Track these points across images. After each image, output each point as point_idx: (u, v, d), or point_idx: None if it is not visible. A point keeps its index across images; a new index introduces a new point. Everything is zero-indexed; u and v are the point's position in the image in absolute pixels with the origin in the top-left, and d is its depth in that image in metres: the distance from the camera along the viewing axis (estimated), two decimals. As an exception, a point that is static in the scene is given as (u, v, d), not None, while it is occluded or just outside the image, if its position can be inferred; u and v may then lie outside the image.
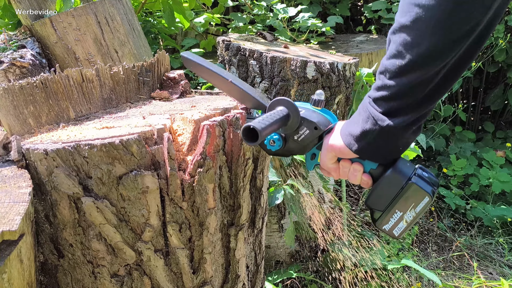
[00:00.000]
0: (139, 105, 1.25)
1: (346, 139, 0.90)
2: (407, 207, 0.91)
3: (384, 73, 0.80)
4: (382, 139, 0.85)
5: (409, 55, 0.75)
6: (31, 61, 1.57)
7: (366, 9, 3.18)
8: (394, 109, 0.81)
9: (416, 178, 0.89)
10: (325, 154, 0.97)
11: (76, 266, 1.00)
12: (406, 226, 0.93)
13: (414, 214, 0.91)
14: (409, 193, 0.89)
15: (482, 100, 3.56)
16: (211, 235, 1.05)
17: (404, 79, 0.77)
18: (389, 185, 0.92)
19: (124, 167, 0.89)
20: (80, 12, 1.65)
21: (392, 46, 0.78)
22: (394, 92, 0.79)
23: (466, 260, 2.53)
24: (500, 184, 2.85)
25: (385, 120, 0.81)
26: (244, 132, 0.85)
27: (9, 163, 0.94)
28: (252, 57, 1.94)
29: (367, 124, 0.84)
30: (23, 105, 1.06)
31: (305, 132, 0.98)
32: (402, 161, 0.92)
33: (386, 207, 0.93)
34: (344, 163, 0.95)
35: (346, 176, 0.96)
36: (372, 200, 0.95)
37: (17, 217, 0.78)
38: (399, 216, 0.92)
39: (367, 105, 0.85)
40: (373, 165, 0.94)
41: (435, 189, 0.90)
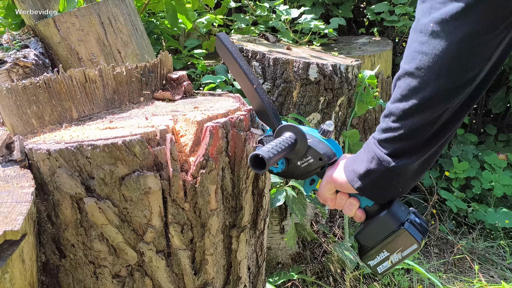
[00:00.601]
0: (142, 106, 1.26)
1: (349, 176, 0.93)
2: (395, 249, 0.93)
3: (388, 116, 0.84)
4: (385, 180, 0.88)
5: (413, 99, 0.78)
6: (34, 61, 1.57)
7: (369, 11, 3.18)
8: (399, 151, 0.84)
9: (408, 224, 0.92)
10: (325, 185, 1.00)
11: (77, 266, 1.00)
12: (390, 266, 0.95)
13: (400, 257, 0.94)
14: (399, 237, 0.92)
15: (484, 102, 3.55)
16: (213, 237, 1.05)
17: (408, 122, 0.81)
18: (381, 226, 0.94)
19: (126, 168, 0.90)
20: (83, 12, 1.65)
21: (397, 90, 0.81)
22: (398, 134, 0.83)
23: (468, 263, 2.52)
24: (502, 188, 2.84)
25: (390, 162, 0.85)
26: (252, 160, 0.87)
27: (12, 163, 0.94)
28: (255, 59, 1.94)
29: (372, 164, 0.87)
30: (26, 105, 1.06)
31: (309, 160, 0.99)
32: (398, 203, 0.95)
33: (374, 245, 0.96)
34: (342, 196, 0.99)
35: (341, 207, 1.00)
36: (362, 236, 0.98)
37: (20, 217, 0.78)
38: (386, 256, 0.95)
39: (372, 146, 0.88)
40: (369, 203, 0.96)
41: (425, 237, 0.93)
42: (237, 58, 1.06)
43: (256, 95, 1.05)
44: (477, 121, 3.58)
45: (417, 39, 0.76)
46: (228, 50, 1.07)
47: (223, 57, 1.10)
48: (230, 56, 1.06)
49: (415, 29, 0.78)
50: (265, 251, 1.38)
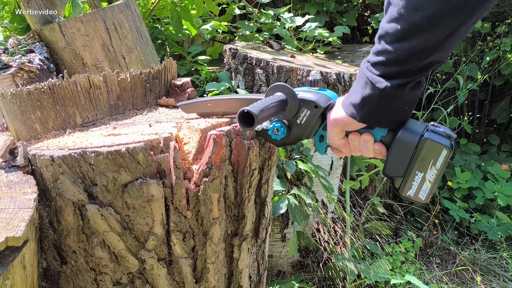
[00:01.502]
0: (146, 112, 1.26)
1: (349, 110, 0.87)
2: (427, 166, 0.86)
3: (383, 37, 0.77)
4: (383, 102, 0.81)
5: (412, 18, 0.71)
6: (39, 66, 1.57)
7: (373, 20, 3.19)
8: (394, 73, 0.78)
9: (429, 133, 0.85)
10: (331, 131, 0.93)
11: (78, 273, 1.00)
12: (431, 186, 0.88)
13: (435, 172, 0.86)
14: (425, 150, 0.85)
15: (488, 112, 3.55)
16: (215, 245, 1.04)
17: (406, 44, 0.74)
18: (402, 147, 0.87)
19: (129, 175, 0.89)
20: (89, 18, 1.66)
21: (393, 8, 0.74)
22: (394, 58, 0.76)
23: (470, 274, 2.50)
24: (505, 198, 2.82)
25: (383, 82, 0.78)
26: (240, 118, 0.84)
27: (15, 168, 0.94)
28: (259, 66, 1.94)
29: (366, 90, 0.81)
30: (30, 110, 1.06)
31: (306, 113, 0.95)
32: (412, 121, 0.88)
33: (405, 171, 0.88)
34: (353, 136, 0.92)
35: (358, 150, 0.92)
36: (389, 168, 0.90)
37: (22, 223, 0.78)
38: (421, 177, 0.87)
39: (365, 70, 0.82)
40: (383, 132, 0.89)
41: (452, 141, 0.85)
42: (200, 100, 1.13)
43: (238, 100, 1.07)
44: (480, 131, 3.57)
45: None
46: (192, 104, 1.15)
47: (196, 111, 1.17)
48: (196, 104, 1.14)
49: None
50: (267, 260, 1.37)
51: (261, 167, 1.13)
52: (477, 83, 2.92)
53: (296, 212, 1.71)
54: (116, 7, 1.72)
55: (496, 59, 3.01)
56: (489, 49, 2.97)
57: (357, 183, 2.24)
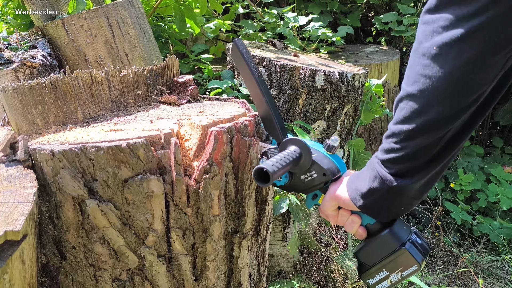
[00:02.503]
0: (147, 109, 1.25)
1: (352, 194, 0.93)
2: (395, 269, 0.93)
3: (391, 137, 0.84)
4: (388, 199, 0.88)
5: (416, 122, 0.78)
6: (41, 62, 1.57)
7: (377, 21, 3.18)
8: (402, 171, 0.84)
9: (409, 244, 0.91)
10: (327, 201, 0.99)
11: (78, 268, 1.00)
12: (389, 285, 0.95)
13: (399, 277, 0.93)
14: (400, 257, 0.91)
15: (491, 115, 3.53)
16: (215, 242, 1.04)
17: (411, 143, 0.81)
18: (382, 245, 0.94)
19: (130, 171, 0.89)
20: (92, 14, 1.66)
21: (400, 112, 0.81)
22: (401, 155, 0.83)
23: (472, 276, 2.49)
24: (508, 201, 2.81)
25: (393, 181, 0.85)
26: (256, 173, 0.86)
27: (15, 162, 0.94)
28: (262, 65, 1.94)
29: (375, 183, 0.87)
30: (31, 105, 1.06)
31: (313, 175, 0.99)
32: (400, 222, 0.95)
33: (374, 263, 0.95)
34: (344, 212, 0.98)
35: (343, 224, 1.00)
36: (362, 254, 0.97)
37: (21, 217, 0.78)
38: (385, 275, 0.94)
39: (375, 165, 0.88)
40: (371, 220, 0.96)
41: (425, 257, 0.93)
42: (251, 66, 1.06)
43: (265, 105, 1.04)
44: (484, 133, 3.56)
45: (420, 62, 0.77)
46: (243, 57, 1.06)
47: (237, 62, 1.10)
48: (244, 63, 1.06)
49: (417, 51, 0.78)
50: (267, 259, 1.37)
51: (262, 165, 1.12)
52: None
53: (297, 212, 1.70)
54: (120, 4, 1.72)
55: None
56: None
57: (359, 184, 2.23)
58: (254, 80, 1.05)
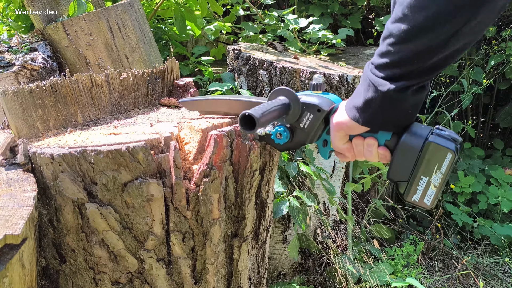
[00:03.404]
0: (147, 112, 1.25)
1: (351, 113, 0.86)
2: (431, 170, 0.84)
3: (388, 38, 0.76)
4: (386, 105, 0.80)
5: (416, 18, 0.71)
6: (42, 64, 1.57)
7: (377, 23, 3.17)
8: (397, 75, 0.78)
9: (433, 137, 0.84)
10: (334, 135, 0.92)
11: (77, 272, 1.00)
12: (436, 191, 0.86)
13: (441, 176, 0.84)
14: (429, 154, 0.83)
15: (492, 117, 3.53)
16: (215, 246, 1.04)
17: (410, 45, 0.74)
18: (407, 151, 0.86)
19: (129, 174, 0.89)
20: (92, 17, 1.66)
21: (398, 8, 0.74)
22: (398, 59, 0.76)
23: (472, 279, 2.49)
24: (509, 203, 2.80)
25: (386, 85, 0.78)
26: (242, 121, 0.83)
27: (15, 166, 0.94)
28: (262, 67, 1.94)
29: (369, 93, 0.81)
30: (31, 108, 1.06)
31: (309, 117, 0.94)
32: (416, 124, 0.87)
33: (409, 176, 0.87)
34: (357, 141, 0.91)
35: (362, 154, 0.91)
36: (393, 172, 0.89)
37: (21, 221, 0.78)
38: (426, 181, 0.86)
39: (368, 73, 0.82)
40: (387, 136, 0.88)
41: (458, 144, 0.84)
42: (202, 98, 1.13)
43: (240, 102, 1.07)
44: (484, 135, 3.56)
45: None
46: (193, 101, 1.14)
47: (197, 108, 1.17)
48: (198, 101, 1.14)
49: None
50: (267, 262, 1.37)
51: (262, 168, 1.12)
52: (482, 87, 2.91)
53: (298, 214, 1.70)
54: (120, 6, 1.73)
55: (501, 63, 2.99)
56: (494, 53, 2.95)
57: (359, 186, 2.23)
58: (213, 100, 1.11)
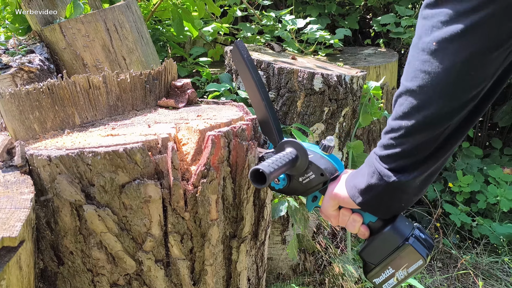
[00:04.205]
0: (145, 113, 1.25)
1: (351, 191, 0.92)
2: (400, 266, 0.92)
3: (390, 133, 0.83)
4: (387, 195, 0.87)
5: (416, 117, 0.78)
6: (39, 66, 1.57)
7: (375, 23, 3.18)
8: (400, 167, 0.83)
9: (413, 239, 0.90)
10: (327, 201, 0.98)
11: (75, 274, 0.99)
12: (396, 283, 0.93)
13: (405, 274, 0.92)
14: (404, 253, 0.90)
15: (490, 116, 3.53)
16: (213, 247, 1.04)
17: (410, 139, 0.80)
18: (385, 242, 0.93)
19: (127, 176, 0.89)
20: (89, 18, 1.66)
21: (399, 108, 0.80)
22: (400, 151, 0.82)
23: (472, 278, 2.49)
24: (508, 202, 2.80)
25: (392, 177, 0.83)
26: (252, 174, 0.86)
27: (12, 168, 0.93)
28: (260, 68, 1.94)
29: (373, 179, 0.86)
30: (29, 110, 1.06)
31: (310, 176, 0.98)
32: (401, 219, 0.94)
33: (379, 262, 0.94)
34: (345, 212, 0.97)
35: (345, 224, 0.99)
36: (366, 253, 0.96)
37: (18, 223, 0.78)
38: (391, 273, 0.93)
39: (374, 161, 0.87)
40: (372, 218, 0.95)
41: (430, 252, 0.92)
42: (251, 69, 1.05)
43: (263, 108, 1.04)
44: (483, 135, 3.56)
45: (419, 57, 0.76)
46: (243, 59, 1.05)
47: (237, 64, 1.09)
48: (245, 66, 1.05)
49: (417, 46, 0.77)
50: (266, 262, 1.37)
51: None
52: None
53: (296, 215, 1.70)
54: (117, 8, 1.72)
55: (499, 63, 2.99)
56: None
57: (358, 186, 2.23)
58: (254, 83, 1.04)
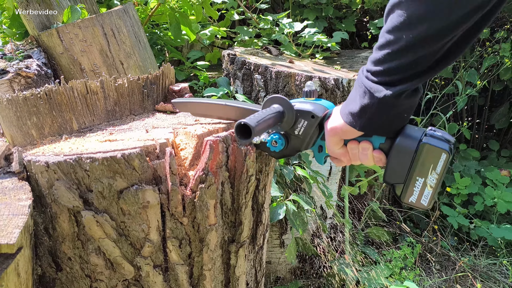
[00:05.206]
0: (143, 118, 1.25)
1: (347, 119, 0.87)
2: (427, 170, 0.86)
3: (385, 47, 0.77)
4: (383, 111, 0.81)
5: (419, 29, 0.71)
6: (36, 72, 1.57)
7: (372, 25, 3.19)
8: (394, 81, 0.78)
9: (427, 138, 0.85)
10: (329, 140, 0.93)
11: (74, 280, 0.99)
12: (432, 191, 0.87)
13: (436, 176, 0.86)
14: (424, 155, 0.85)
15: (487, 118, 3.54)
16: (211, 252, 1.04)
17: (411, 52, 0.74)
18: (401, 154, 0.87)
19: (125, 181, 0.89)
20: (87, 23, 1.66)
21: (397, 18, 0.73)
22: (397, 65, 0.76)
23: (470, 280, 2.49)
24: (505, 204, 2.81)
25: (382, 91, 0.78)
26: (237, 130, 0.84)
27: (10, 174, 0.93)
28: (257, 71, 1.94)
29: (365, 99, 0.81)
30: (26, 116, 1.06)
31: (303, 124, 0.96)
32: (410, 127, 0.88)
33: (405, 178, 0.88)
34: (352, 145, 0.92)
35: (357, 158, 0.93)
36: (389, 175, 0.90)
37: (16, 230, 0.77)
38: (422, 182, 0.87)
39: (363, 79, 0.82)
40: (381, 140, 0.90)
41: (451, 145, 0.85)
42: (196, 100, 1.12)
43: (233, 108, 1.06)
44: (480, 137, 3.57)
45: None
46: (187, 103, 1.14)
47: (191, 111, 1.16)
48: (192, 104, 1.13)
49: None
50: (264, 267, 1.37)
51: (258, 173, 1.12)
52: (476, 89, 2.92)
53: (295, 218, 1.70)
54: (114, 12, 1.73)
55: (495, 65, 3.00)
56: (488, 55, 2.97)
57: (356, 189, 2.23)
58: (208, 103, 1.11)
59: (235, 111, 1.06)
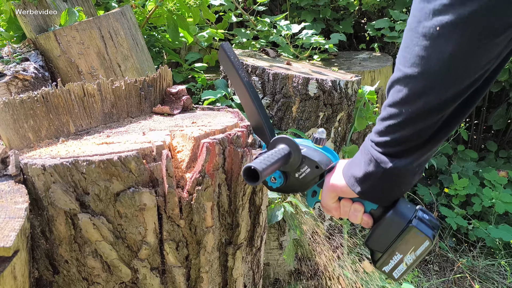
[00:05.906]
0: (140, 120, 1.25)
1: (349, 181, 0.90)
2: (407, 250, 0.90)
3: (387, 119, 0.81)
4: (385, 181, 0.85)
5: (417, 104, 0.75)
6: (33, 74, 1.57)
7: (369, 27, 3.20)
8: (398, 152, 0.82)
9: (416, 221, 0.89)
10: (326, 194, 0.97)
11: (71, 283, 0.99)
12: (406, 268, 0.92)
13: (414, 257, 0.90)
14: (409, 236, 0.89)
15: (485, 119, 3.55)
16: (209, 254, 1.04)
17: (410, 126, 0.78)
18: (389, 227, 0.91)
19: (121, 184, 0.89)
20: (84, 26, 1.66)
21: (397, 94, 0.78)
22: (399, 138, 0.80)
23: (468, 281, 2.49)
24: (503, 205, 2.82)
25: (388, 163, 0.82)
26: (245, 172, 0.85)
27: (6, 177, 0.93)
28: (255, 73, 1.94)
29: (370, 167, 0.85)
30: (23, 119, 1.06)
31: (306, 170, 0.98)
32: (403, 202, 0.92)
33: (386, 249, 0.92)
34: (345, 203, 0.96)
35: (347, 215, 0.97)
36: (372, 241, 0.94)
37: (12, 233, 0.77)
38: (399, 258, 0.92)
39: (369, 148, 0.86)
40: (373, 206, 0.94)
41: (436, 232, 0.90)
42: (239, 70, 1.04)
43: (254, 110, 1.03)
44: (478, 138, 3.58)
45: (419, 42, 0.73)
46: (230, 62, 1.04)
47: (225, 68, 1.08)
48: (232, 68, 1.04)
49: (415, 31, 0.73)
50: (262, 268, 1.37)
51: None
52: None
53: (293, 220, 1.70)
54: (112, 15, 1.73)
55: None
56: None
57: (354, 190, 2.23)
58: (242, 84, 1.04)
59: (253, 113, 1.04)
